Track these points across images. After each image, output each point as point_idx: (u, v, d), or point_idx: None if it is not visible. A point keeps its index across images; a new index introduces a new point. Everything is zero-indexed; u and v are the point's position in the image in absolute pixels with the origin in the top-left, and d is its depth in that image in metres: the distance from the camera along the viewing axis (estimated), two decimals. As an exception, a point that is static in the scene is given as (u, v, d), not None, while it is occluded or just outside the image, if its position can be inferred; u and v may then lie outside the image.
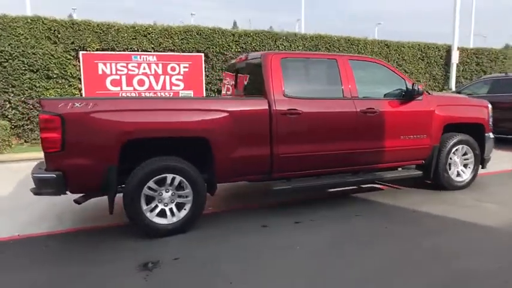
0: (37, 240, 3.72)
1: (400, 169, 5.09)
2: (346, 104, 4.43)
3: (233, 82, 5.20)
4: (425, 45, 13.07)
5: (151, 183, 3.64)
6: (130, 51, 9.56)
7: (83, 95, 9.25)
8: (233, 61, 5.47)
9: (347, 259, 3.24)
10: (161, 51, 9.83)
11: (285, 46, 10.97)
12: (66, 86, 9.17)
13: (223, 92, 5.83)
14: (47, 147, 3.35)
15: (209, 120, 3.81)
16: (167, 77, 10.01)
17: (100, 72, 9.36)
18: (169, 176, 3.69)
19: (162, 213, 3.74)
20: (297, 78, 4.37)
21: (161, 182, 3.69)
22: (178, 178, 3.72)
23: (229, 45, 10.38)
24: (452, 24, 13.39)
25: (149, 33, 9.63)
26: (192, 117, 3.78)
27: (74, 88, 9.24)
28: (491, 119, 5.44)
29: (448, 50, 13.39)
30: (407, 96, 4.71)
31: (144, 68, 9.75)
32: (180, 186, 3.76)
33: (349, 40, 11.80)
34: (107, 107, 3.51)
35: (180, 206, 3.81)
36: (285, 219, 4.18)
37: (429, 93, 5.10)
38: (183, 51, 10.03)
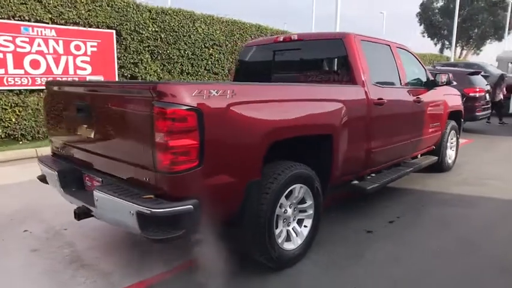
0: None
1: (419, 157, 5.29)
2: (406, 92, 4.30)
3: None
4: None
5: (283, 199, 2.71)
6: (18, 20, 6.98)
7: None
8: (252, 43, 4.56)
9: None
10: (63, 24, 7.52)
11: (203, 29, 9.97)
12: None
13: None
14: (174, 161, 2.05)
15: (334, 112, 3.08)
16: (70, 58, 7.77)
17: (-28, 47, 6.53)
18: (298, 187, 2.83)
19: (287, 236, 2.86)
20: (372, 64, 3.94)
21: (287, 196, 2.79)
22: (304, 189, 2.89)
23: (145, 23, 8.75)
24: (334, 26, 14.70)
25: (45, -2, 7.22)
26: (326, 109, 2.97)
27: None
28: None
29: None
30: (434, 85, 4.88)
31: (40, 45, 7.29)
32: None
33: (259, 28, 11.61)
34: (249, 97, 2.39)
35: (299, 224, 2.99)
36: (375, 220, 3.80)
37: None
38: (91, 26, 7.94)
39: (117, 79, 8.45)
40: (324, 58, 3.89)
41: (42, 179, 3.20)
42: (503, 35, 40.51)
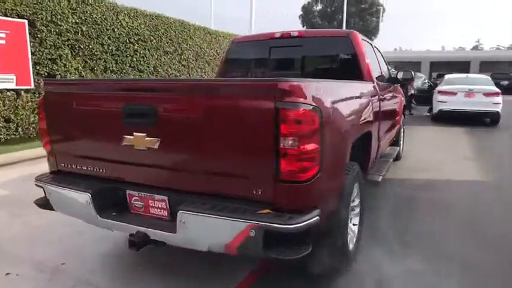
0: None
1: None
2: (388, 88, 4.56)
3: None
4: (235, 36, 13.99)
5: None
6: None
7: None
8: (241, 38, 4.32)
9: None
10: (-39, 10, 6.04)
11: (127, 22, 9.07)
12: None
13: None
14: (301, 169, 1.81)
15: (372, 108, 3.09)
16: (-28, 53, 6.29)
17: None
18: (355, 186, 2.78)
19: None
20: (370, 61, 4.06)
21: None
22: (356, 187, 2.86)
23: (64, 13, 7.56)
24: (249, 24, 14.90)
25: None
26: (370, 105, 2.96)
27: None
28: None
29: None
30: (397, 81, 5.29)
31: None
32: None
33: (182, 23, 11.06)
34: (338, 95, 2.23)
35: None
36: (380, 212, 3.97)
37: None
38: (-3, 14, 6.55)
39: (32, 77, 7.16)
40: (329, 55, 3.90)
41: (44, 204, 2.53)
42: (371, 37, 46.66)
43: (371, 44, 4.52)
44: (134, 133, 2.12)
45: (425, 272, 2.76)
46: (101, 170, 2.36)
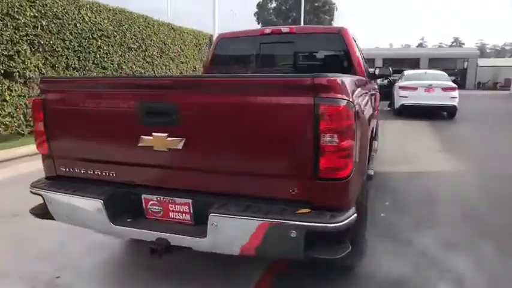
0: None
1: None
2: (372, 83, 4.65)
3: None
4: (198, 33, 13.72)
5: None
6: None
7: None
8: (229, 34, 4.20)
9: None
10: None
11: (90, 17, 8.58)
12: None
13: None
14: (340, 166, 1.78)
15: (372, 103, 3.12)
16: None
17: None
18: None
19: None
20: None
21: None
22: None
23: (21, 6, 7.00)
24: (212, 18, 14.67)
25: None
26: (370, 99, 2.98)
27: None
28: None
29: (210, 38, 14.65)
30: (375, 76, 5.43)
31: None
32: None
33: (146, 19, 10.66)
34: (360, 88, 2.23)
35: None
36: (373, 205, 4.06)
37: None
38: None
39: (-13, 76, 6.57)
40: (321, 51, 3.90)
41: (42, 213, 2.31)
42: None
43: (355, 41, 4.59)
44: (153, 133, 1.98)
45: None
46: (110, 174, 2.18)
